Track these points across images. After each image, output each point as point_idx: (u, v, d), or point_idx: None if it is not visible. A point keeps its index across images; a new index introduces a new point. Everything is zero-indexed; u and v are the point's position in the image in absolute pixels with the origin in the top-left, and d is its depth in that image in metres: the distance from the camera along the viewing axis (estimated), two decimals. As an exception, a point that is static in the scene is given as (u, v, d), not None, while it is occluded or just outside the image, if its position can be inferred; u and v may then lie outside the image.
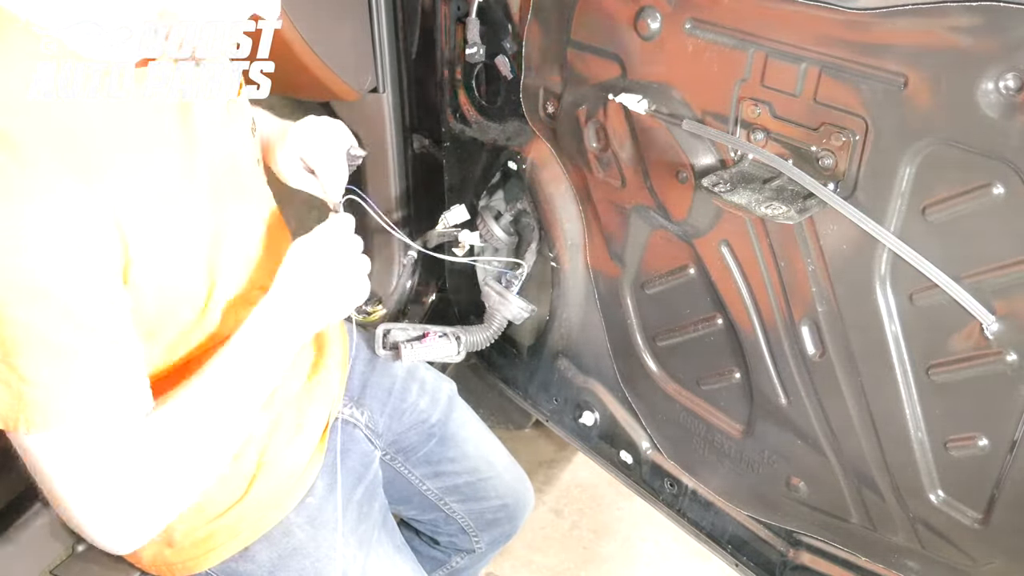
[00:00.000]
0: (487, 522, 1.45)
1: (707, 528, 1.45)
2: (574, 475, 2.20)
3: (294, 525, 1.12)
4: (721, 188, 1.05)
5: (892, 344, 1.02)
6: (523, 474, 1.52)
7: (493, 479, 1.43)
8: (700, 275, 1.24)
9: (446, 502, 1.41)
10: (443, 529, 1.46)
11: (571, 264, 1.48)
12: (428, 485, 1.40)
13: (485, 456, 1.44)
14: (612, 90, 1.19)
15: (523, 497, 1.50)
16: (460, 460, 1.40)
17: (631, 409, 1.50)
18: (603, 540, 2.05)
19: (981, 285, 0.90)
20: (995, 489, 0.99)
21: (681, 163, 1.16)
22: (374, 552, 1.18)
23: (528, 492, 1.52)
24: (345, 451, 1.23)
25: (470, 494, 1.42)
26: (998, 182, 0.85)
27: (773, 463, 1.26)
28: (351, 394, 1.32)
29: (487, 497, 1.43)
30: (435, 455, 1.39)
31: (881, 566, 1.19)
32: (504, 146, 1.49)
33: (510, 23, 1.36)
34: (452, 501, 1.41)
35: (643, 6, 1.10)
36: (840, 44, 0.92)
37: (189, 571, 1.09)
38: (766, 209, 1.00)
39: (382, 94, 1.60)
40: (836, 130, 0.96)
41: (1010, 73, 0.80)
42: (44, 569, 1.22)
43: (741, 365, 1.25)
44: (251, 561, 1.10)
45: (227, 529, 1.08)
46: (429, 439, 1.38)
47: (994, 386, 0.94)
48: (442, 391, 1.42)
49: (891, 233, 0.95)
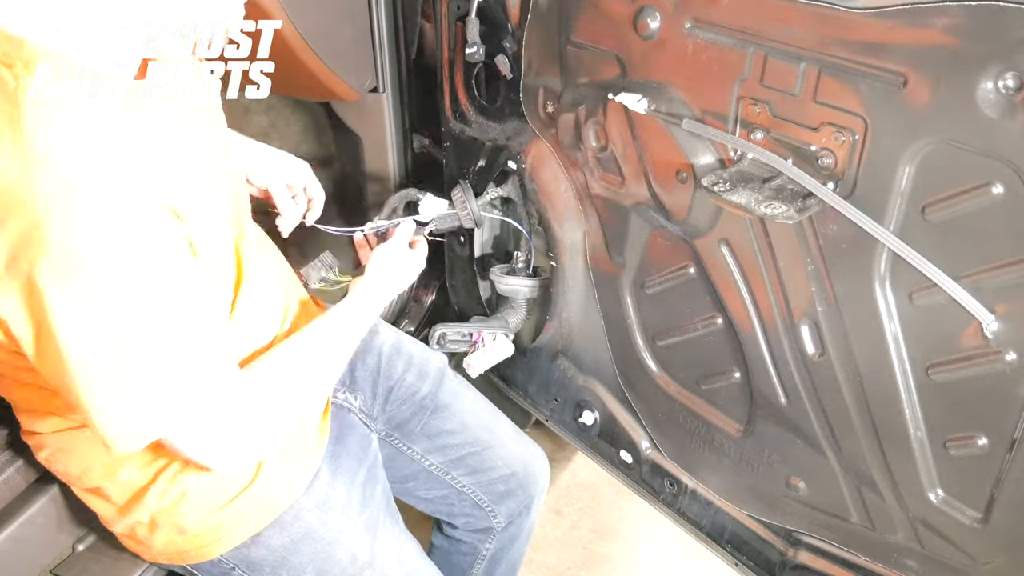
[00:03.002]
0: (499, 494, 1.43)
1: (707, 527, 1.45)
2: (574, 475, 2.20)
3: (304, 509, 1.13)
4: (721, 188, 1.05)
5: (892, 344, 1.02)
6: (531, 443, 1.50)
7: (497, 448, 1.41)
8: (700, 275, 1.24)
9: (453, 476, 1.40)
10: (457, 508, 1.44)
11: (571, 264, 1.48)
12: (431, 460, 1.39)
13: (486, 425, 1.43)
14: (612, 90, 1.19)
15: (532, 465, 1.47)
16: (459, 431, 1.39)
17: (631, 409, 1.50)
18: (603, 540, 2.05)
19: (981, 285, 0.90)
20: (994, 489, 0.99)
21: (681, 163, 1.16)
22: (380, 535, 1.19)
23: (538, 460, 1.49)
24: (343, 436, 1.24)
25: (475, 465, 1.40)
26: (998, 182, 0.85)
27: (773, 463, 1.26)
28: (342, 379, 1.33)
29: (494, 467, 1.41)
30: (432, 428, 1.38)
31: (881, 565, 1.19)
32: (504, 146, 1.49)
33: (510, 23, 1.36)
34: (459, 475, 1.40)
35: (643, 6, 1.10)
36: (840, 44, 0.92)
37: (202, 558, 1.10)
38: (766, 209, 1.00)
39: (382, 94, 1.60)
40: (836, 130, 0.96)
41: (1010, 73, 0.80)
42: (45, 568, 1.22)
43: (741, 365, 1.25)
44: (263, 546, 1.11)
45: (238, 515, 1.09)
46: (422, 411, 1.37)
47: (994, 386, 0.94)
48: (431, 364, 1.42)
49: (891, 233, 0.95)
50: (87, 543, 1.24)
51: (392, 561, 1.19)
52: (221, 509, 1.08)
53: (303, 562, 1.13)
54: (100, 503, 1.10)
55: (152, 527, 1.08)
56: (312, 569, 1.13)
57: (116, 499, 1.07)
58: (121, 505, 1.08)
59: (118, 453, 0.86)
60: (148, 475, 1.05)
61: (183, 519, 1.07)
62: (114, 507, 1.08)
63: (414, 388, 1.37)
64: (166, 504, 1.06)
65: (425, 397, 1.38)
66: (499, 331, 1.59)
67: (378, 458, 1.29)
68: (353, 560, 1.14)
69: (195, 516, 1.07)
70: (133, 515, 1.07)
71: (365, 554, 1.16)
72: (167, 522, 1.07)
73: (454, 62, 1.50)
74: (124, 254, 0.78)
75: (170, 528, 1.08)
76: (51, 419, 1.02)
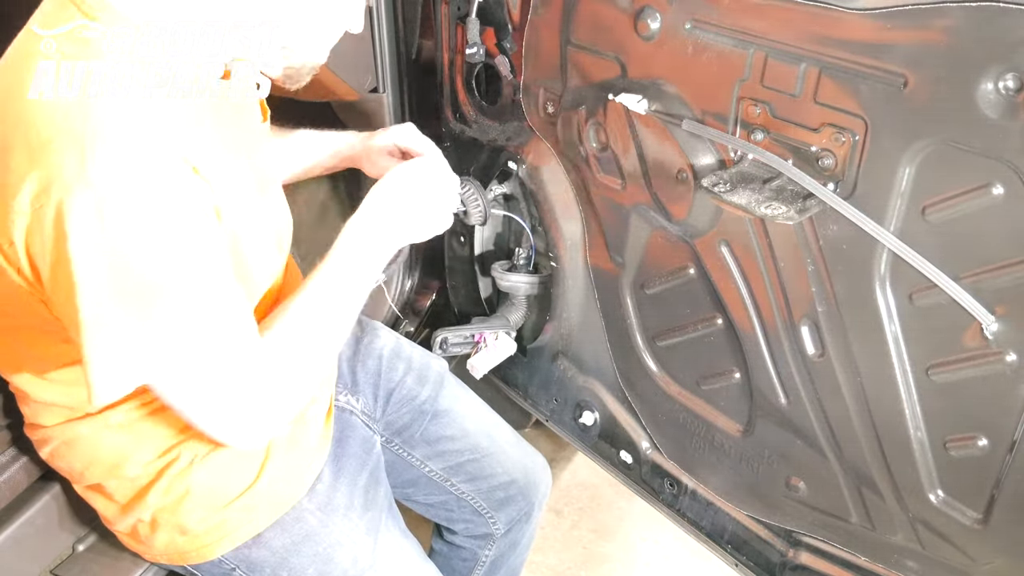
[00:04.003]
0: (499, 501, 1.42)
1: (707, 528, 1.45)
2: (574, 475, 2.20)
3: (306, 511, 1.13)
4: (721, 188, 1.05)
5: (892, 344, 1.02)
6: (532, 449, 1.49)
7: (497, 454, 1.41)
8: (700, 275, 1.24)
9: (452, 483, 1.40)
10: (456, 515, 1.44)
11: (571, 264, 1.48)
12: (431, 466, 1.39)
13: (486, 431, 1.42)
14: (612, 90, 1.19)
15: (534, 472, 1.46)
16: (459, 437, 1.38)
17: (631, 409, 1.50)
18: (603, 540, 2.05)
19: (981, 285, 0.91)
20: (995, 489, 0.99)
21: (681, 163, 1.16)
22: (382, 537, 1.19)
23: (539, 467, 1.48)
24: (345, 438, 1.24)
25: (475, 472, 1.40)
26: (998, 182, 0.85)
27: (773, 463, 1.26)
28: (344, 381, 1.33)
29: (493, 474, 1.40)
30: (432, 433, 1.38)
31: (881, 566, 1.19)
32: (504, 146, 1.49)
33: (510, 23, 1.36)
34: (458, 481, 1.40)
35: (643, 6, 1.10)
36: (840, 44, 0.93)
37: (203, 558, 1.10)
38: (766, 209, 1.00)
39: (382, 94, 1.59)
40: (836, 130, 0.96)
41: (1010, 73, 0.80)
42: (45, 568, 1.22)
43: (741, 365, 1.25)
44: (264, 547, 1.11)
45: (240, 515, 1.09)
46: (422, 417, 1.37)
47: (994, 386, 0.94)
48: (431, 368, 1.41)
49: (891, 233, 0.95)
50: (87, 543, 1.24)
51: (393, 564, 1.19)
52: (223, 509, 1.08)
53: (304, 564, 1.12)
54: (101, 501, 1.10)
55: (153, 526, 1.08)
56: (313, 571, 1.13)
57: (118, 497, 1.07)
58: (123, 503, 1.08)
59: (96, 400, 0.84)
60: (152, 472, 1.05)
61: (185, 518, 1.07)
62: (116, 505, 1.08)
63: (414, 392, 1.37)
64: (168, 503, 1.06)
65: (424, 402, 1.37)
66: (500, 330, 1.59)
67: (380, 460, 1.29)
68: (354, 562, 1.14)
69: (197, 515, 1.07)
70: (135, 514, 1.07)
71: (367, 557, 1.16)
72: (169, 521, 1.07)
73: (454, 62, 1.51)
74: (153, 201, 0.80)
75: (171, 527, 1.08)
76: (55, 410, 1.02)
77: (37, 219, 0.78)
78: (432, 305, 1.87)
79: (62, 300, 0.81)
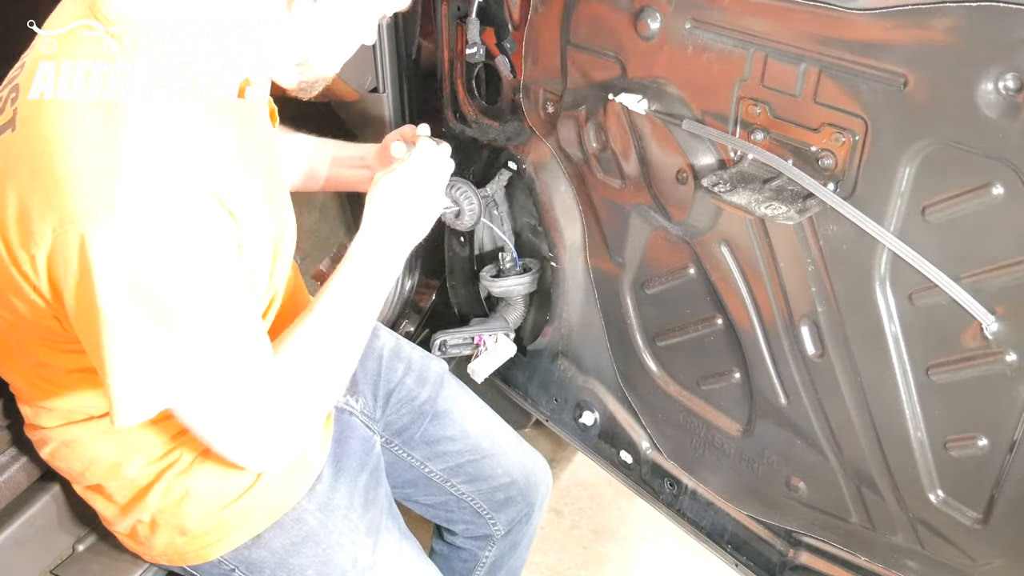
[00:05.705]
0: (499, 502, 1.42)
1: (707, 528, 1.45)
2: (574, 475, 2.20)
3: (306, 512, 1.13)
4: (721, 188, 1.05)
5: (892, 344, 1.02)
6: (533, 451, 1.49)
7: (497, 456, 1.40)
8: (700, 275, 1.24)
9: (452, 483, 1.40)
10: (456, 516, 1.44)
11: (571, 264, 1.48)
12: (431, 467, 1.39)
13: (486, 432, 1.42)
14: (612, 90, 1.19)
15: (534, 474, 1.46)
16: (459, 438, 1.38)
17: (631, 409, 1.50)
18: (603, 540, 2.05)
19: (981, 285, 0.91)
20: (995, 489, 0.99)
21: (681, 163, 1.16)
22: (382, 538, 1.19)
23: (540, 469, 1.48)
24: (345, 439, 1.23)
25: (475, 473, 1.39)
26: (998, 182, 0.85)
27: (773, 463, 1.26)
28: None
29: (493, 475, 1.40)
30: (432, 434, 1.38)
31: (881, 566, 1.19)
32: (504, 146, 1.49)
33: (510, 23, 1.36)
34: (458, 482, 1.40)
35: (643, 6, 1.10)
36: (840, 44, 0.93)
37: (202, 559, 1.10)
38: (766, 209, 1.00)
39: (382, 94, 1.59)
40: (836, 130, 0.96)
41: (1010, 73, 0.80)
42: (45, 568, 1.22)
43: (741, 365, 1.25)
44: (264, 548, 1.11)
45: (240, 516, 1.09)
46: (421, 418, 1.37)
47: (994, 386, 0.94)
48: (431, 369, 1.41)
49: (891, 233, 0.95)
50: (87, 543, 1.24)
51: (394, 565, 1.19)
52: (223, 509, 1.08)
53: (304, 564, 1.12)
54: (101, 502, 1.10)
55: (153, 527, 1.08)
56: (313, 572, 1.13)
57: (118, 498, 1.07)
58: (123, 504, 1.07)
59: (119, 423, 0.85)
60: (152, 473, 1.05)
61: (185, 519, 1.07)
62: (116, 506, 1.08)
63: (413, 393, 1.37)
64: (168, 503, 1.06)
65: (424, 403, 1.37)
66: (500, 331, 1.59)
67: (380, 461, 1.29)
68: (354, 563, 1.14)
69: (197, 516, 1.07)
70: (135, 514, 1.07)
71: (367, 558, 1.15)
72: (168, 522, 1.07)
73: (454, 62, 1.51)
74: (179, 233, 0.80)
75: (171, 528, 1.08)
76: (56, 412, 1.02)
77: (60, 245, 0.78)
78: (432, 305, 1.87)
79: (85, 327, 0.82)
